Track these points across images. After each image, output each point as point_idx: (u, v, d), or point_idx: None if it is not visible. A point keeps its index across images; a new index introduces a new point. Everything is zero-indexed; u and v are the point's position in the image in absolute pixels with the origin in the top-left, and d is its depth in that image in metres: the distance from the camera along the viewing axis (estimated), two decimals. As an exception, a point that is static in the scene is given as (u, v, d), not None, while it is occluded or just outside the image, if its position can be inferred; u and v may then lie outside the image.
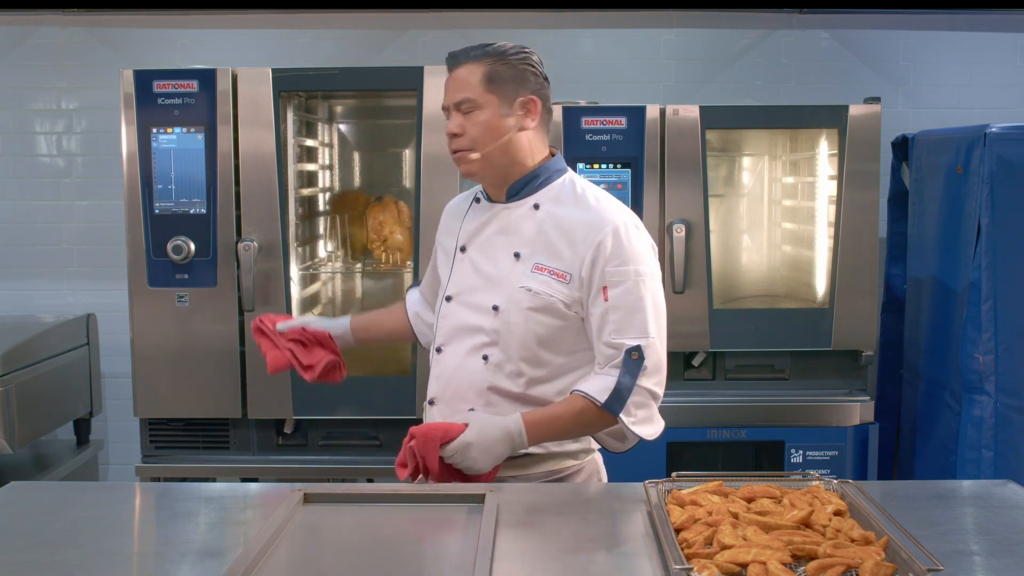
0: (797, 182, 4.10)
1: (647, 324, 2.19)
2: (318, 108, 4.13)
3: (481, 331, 2.26)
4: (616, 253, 2.19)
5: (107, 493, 2.33)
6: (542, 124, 2.30)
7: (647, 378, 2.19)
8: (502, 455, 2.18)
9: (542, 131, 2.31)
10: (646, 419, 2.22)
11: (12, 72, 4.47)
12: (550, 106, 2.32)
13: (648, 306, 2.20)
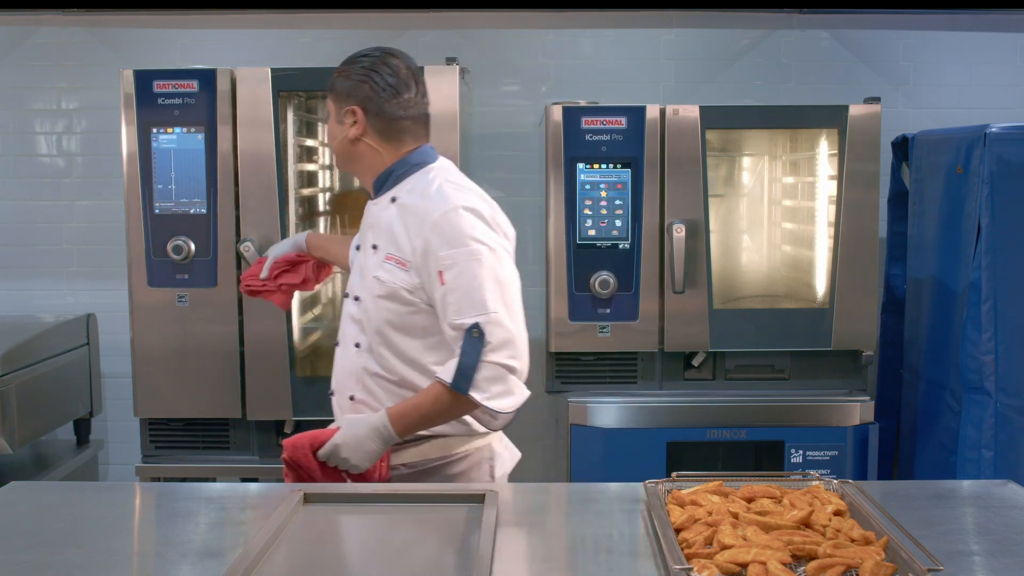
0: (797, 182, 4.10)
1: (485, 301, 2.25)
2: (318, 108, 4.12)
3: (354, 321, 2.40)
4: (445, 238, 2.27)
5: (107, 493, 2.33)
6: (376, 131, 2.39)
7: (495, 352, 2.23)
8: (375, 451, 2.27)
9: (385, 135, 2.39)
10: (502, 393, 2.25)
11: (12, 72, 4.47)
12: (392, 112, 2.37)
13: (486, 283, 2.26)
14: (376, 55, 2.40)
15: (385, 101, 2.37)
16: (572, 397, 3.70)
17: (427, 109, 2.46)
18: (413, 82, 2.41)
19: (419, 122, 2.44)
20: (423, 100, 2.44)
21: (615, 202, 3.68)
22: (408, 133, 2.42)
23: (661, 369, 3.78)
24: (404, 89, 2.39)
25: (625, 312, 3.69)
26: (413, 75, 2.42)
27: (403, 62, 2.41)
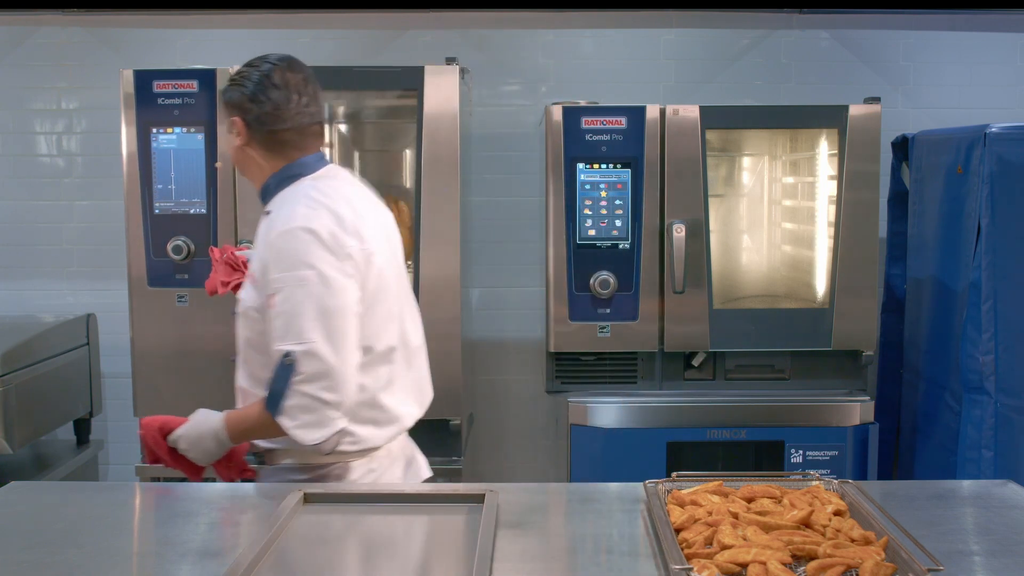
0: (797, 182, 4.10)
1: (303, 330, 2.18)
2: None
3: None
4: (279, 259, 2.23)
5: (107, 493, 2.33)
6: (257, 142, 2.36)
7: (306, 383, 2.18)
8: (212, 450, 2.33)
9: (267, 146, 2.36)
10: (310, 423, 2.20)
11: (12, 72, 4.47)
12: (271, 123, 2.34)
13: (307, 311, 2.19)
14: (260, 65, 2.35)
15: (265, 112, 2.33)
16: (572, 397, 3.70)
17: (318, 118, 2.40)
18: (297, 93, 2.35)
19: (305, 133, 2.38)
20: (309, 109, 2.37)
21: (615, 202, 3.68)
22: (291, 145, 2.36)
23: (661, 369, 3.78)
24: (286, 100, 2.33)
25: (625, 312, 3.69)
26: (300, 84, 2.36)
27: (289, 71, 2.35)
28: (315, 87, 2.41)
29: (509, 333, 4.50)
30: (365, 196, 2.44)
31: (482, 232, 4.42)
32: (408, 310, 2.46)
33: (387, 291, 2.36)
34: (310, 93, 2.38)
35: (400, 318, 2.41)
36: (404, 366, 2.41)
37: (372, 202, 2.45)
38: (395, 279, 2.41)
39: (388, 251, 2.40)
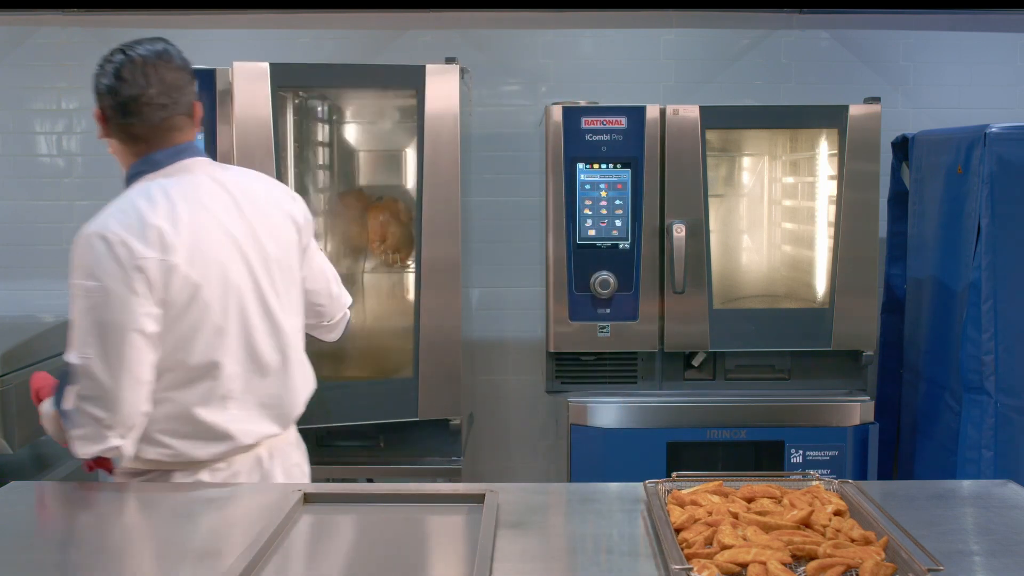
0: (797, 182, 4.10)
1: (81, 343, 2.14)
2: (318, 108, 4.12)
3: None
4: (72, 265, 2.17)
5: (107, 493, 2.33)
6: (114, 134, 2.31)
7: (83, 400, 2.16)
8: (52, 431, 2.35)
9: (121, 139, 2.31)
10: (86, 437, 2.20)
11: (12, 72, 4.47)
12: (117, 117, 2.26)
13: (86, 324, 2.14)
14: (115, 56, 2.25)
15: (111, 105, 2.26)
16: (572, 397, 3.69)
17: (172, 112, 2.28)
18: (151, 86, 2.24)
19: (159, 128, 2.27)
20: (161, 102, 2.25)
21: (615, 202, 3.68)
22: (142, 139, 2.28)
23: (661, 369, 3.78)
24: (137, 94, 2.23)
25: (625, 312, 3.69)
26: (155, 77, 2.24)
27: (148, 63, 2.24)
28: (177, 78, 2.27)
29: (509, 333, 4.50)
30: (214, 197, 2.28)
31: (482, 232, 4.42)
32: (261, 324, 2.31)
33: (205, 304, 2.21)
34: (168, 85, 2.25)
35: (236, 333, 2.26)
36: (242, 383, 2.29)
37: (224, 204, 2.28)
38: (225, 291, 2.24)
39: (221, 261, 2.24)
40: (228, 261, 2.26)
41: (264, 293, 2.32)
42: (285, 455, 2.44)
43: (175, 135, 2.31)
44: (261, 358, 2.33)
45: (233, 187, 2.33)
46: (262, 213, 2.35)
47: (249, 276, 2.30)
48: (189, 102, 2.33)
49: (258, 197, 2.37)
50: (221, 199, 2.30)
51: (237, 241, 2.28)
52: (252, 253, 2.30)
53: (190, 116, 2.34)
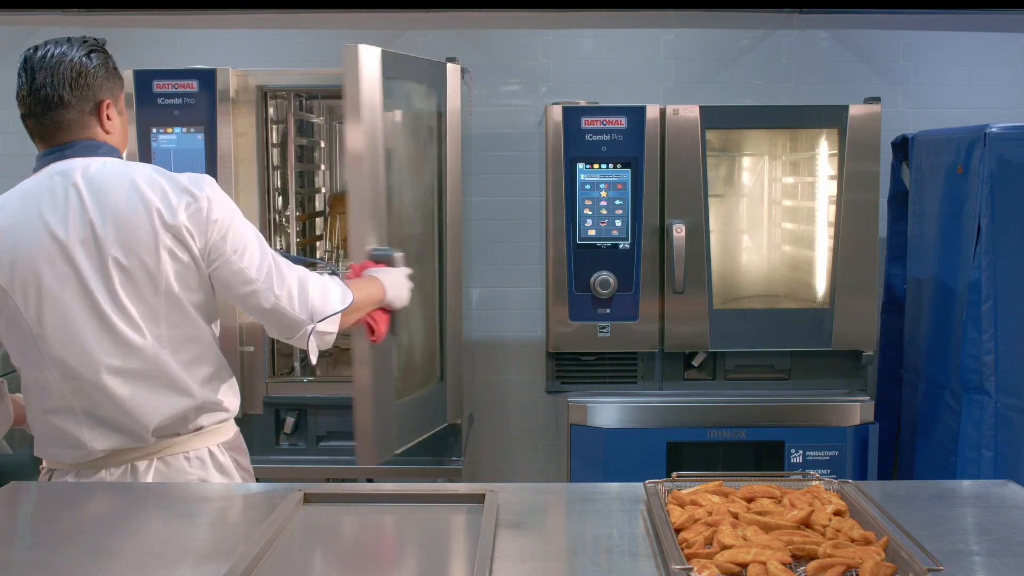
0: (797, 182, 4.10)
1: None
2: (318, 108, 4.13)
3: None
4: None
5: (107, 493, 2.33)
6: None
7: None
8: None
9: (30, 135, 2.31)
10: None
11: (12, 72, 4.46)
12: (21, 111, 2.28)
13: None
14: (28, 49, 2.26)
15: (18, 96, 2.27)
16: (572, 397, 3.69)
17: (44, 109, 2.24)
18: (27, 78, 2.23)
19: (38, 124, 2.26)
20: (34, 99, 2.23)
21: (615, 202, 3.68)
22: (33, 135, 2.29)
23: (661, 369, 3.78)
24: (21, 87, 2.24)
25: (625, 312, 3.69)
26: (30, 70, 2.23)
27: (34, 56, 2.24)
28: (42, 73, 2.22)
29: (509, 333, 4.50)
30: (57, 200, 2.20)
31: (482, 232, 4.42)
32: (94, 332, 2.20)
33: (14, 310, 2.19)
34: (37, 79, 2.22)
35: (58, 342, 2.19)
36: (73, 392, 2.23)
37: (64, 208, 2.19)
38: (39, 298, 2.18)
39: (37, 267, 2.17)
40: (45, 268, 2.18)
41: (96, 301, 2.19)
42: (175, 469, 2.33)
43: (62, 134, 2.27)
44: (101, 370, 2.22)
45: (89, 189, 2.21)
46: (113, 218, 2.19)
47: (76, 283, 2.19)
48: (88, 100, 2.27)
49: (116, 200, 2.20)
50: (65, 203, 2.21)
51: (65, 247, 2.18)
52: (84, 259, 2.18)
53: (90, 115, 2.28)
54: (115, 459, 2.29)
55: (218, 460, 2.37)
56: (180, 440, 2.32)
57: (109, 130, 2.32)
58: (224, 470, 2.38)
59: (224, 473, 2.38)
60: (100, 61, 2.30)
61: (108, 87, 2.32)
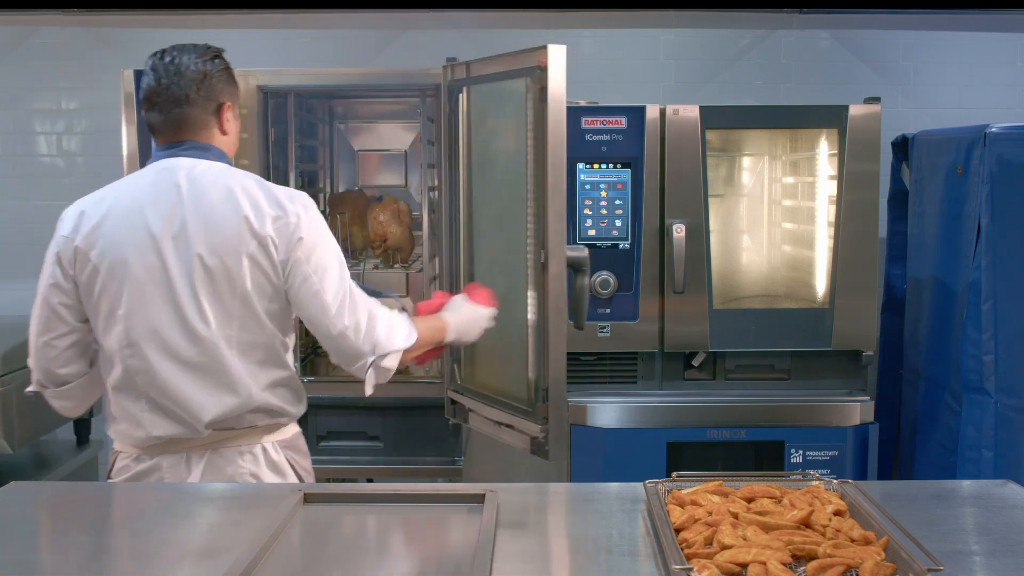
0: (797, 182, 4.10)
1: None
2: (318, 108, 4.13)
3: None
4: None
5: (107, 493, 2.33)
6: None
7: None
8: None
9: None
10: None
11: (12, 72, 4.47)
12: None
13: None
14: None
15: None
16: (572, 397, 3.69)
17: (170, 107, 2.37)
18: (155, 78, 2.37)
19: (161, 120, 2.39)
20: (161, 97, 2.37)
21: (615, 202, 3.68)
22: (153, 131, 2.43)
23: (661, 369, 3.78)
24: (148, 85, 2.39)
25: (625, 312, 3.69)
26: (158, 71, 2.37)
27: (162, 59, 2.38)
28: (159, 80, 2.37)
29: (509, 333, 4.50)
30: (159, 195, 2.32)
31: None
32: (170, 323, 2.30)
33: (106, 291, 2.32)
34: (166, 82, 2.37)
35: (134, 327, 2.31)
36: (142, 374, 2.33)
37: (162, 203, 2.31)
38: (121, 283, 2.30)
39: (125, 255, 2.29)
40: (135, 256, 2.30)
41: (176, 294, 2.30)
42: (228, 461, 2.38)
43: (183, 131, 2.39)
44: (180, 354, 2.32)
45: (189, 188, 2.32)
46: (205, 218, 2.30)
47: (161, 275, 2.30)
48: (211, 100, 2.40)
49: (211, 202, 2.31)
50: (165, 198, 2.32)
51: (156, 240, 2.30)
52: (172, 254, 2.30)
53: (212, 115, 2.41)
54: (172, 447, 2.37)
55: (271, 457, 2.43)
56: (234, 435, 2.39)
57: (226, 131, 2.46)
58: (278, 468, 2.44)
59: (277, 471, 2.44)
60: (223, 66, 2.45)
61: (228, 91, 2.45)
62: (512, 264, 3.01)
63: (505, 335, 3.02)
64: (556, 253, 2.81)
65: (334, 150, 4.26)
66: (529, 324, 2.93)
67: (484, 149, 3.20)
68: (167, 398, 2.33)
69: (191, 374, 2.33)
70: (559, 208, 2.81)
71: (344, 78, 3.78)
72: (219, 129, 2.43)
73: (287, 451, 2.47)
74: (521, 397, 3.00)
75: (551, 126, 2.77)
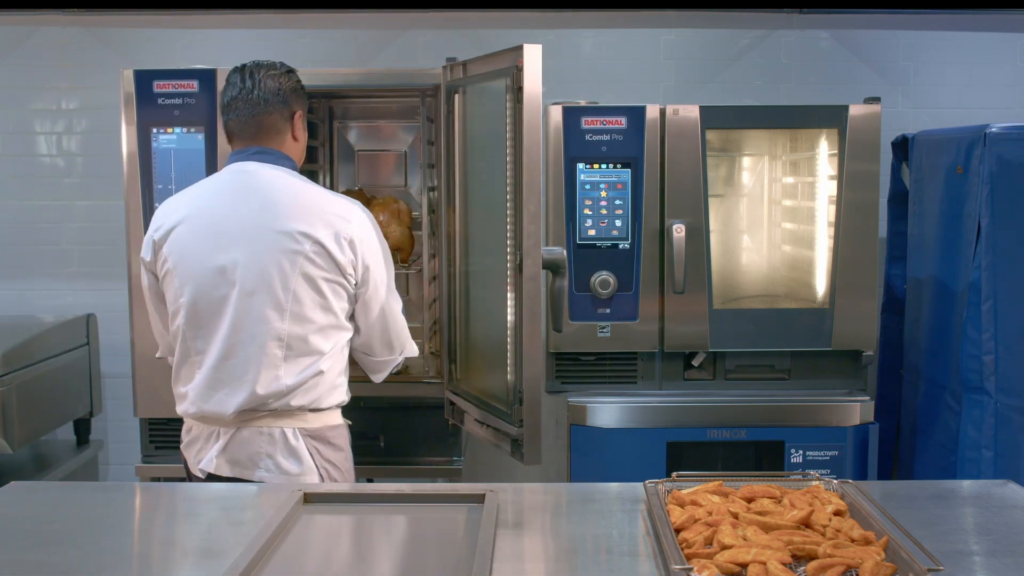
0: (797, 182, 4.10)
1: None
2: (318, 108, 4.12)
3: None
4: None
5: (107, 493, 2.33)
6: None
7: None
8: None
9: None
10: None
11: (12, 72, 4.47)
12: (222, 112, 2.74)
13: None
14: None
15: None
16: (572, 397, 3.70)
17: (251, 112, 2.63)
18: (238, 84, 2.64)
19: (240, 123, 2.65)
20: (243, 101, 2.63)
21: (615, 202, 3.68)
22: (231, 135, 2.69)
23: (661, 369, 3.78)
24: (230, 91, 2.66)
25: (625, 312, 3.69)
26: (241, 78, 2.64)
27: (244, 69, 2.65)
28: (240, 87, 2.63)
29: (509, 333, 4.50)
30: (233, 195, 2.57)
31: (482, 232, 4.42)
32: (215, 319, 2.52)
33: (169, 289, 2.58)
34: (248, 87, 2.62)
35: (187, 321, 2.54)
36: (198, 356, 2.57)
37: (229, 203, 2.56)
38: (189, 283, 2.52)
39: (194, 253, 2.52)
40: (196, 250, 2.53)
41: (231, 281, 2.50)
42: (247, 440, 2.55)
43: (260, 135, 2.64)
44: (210, 346, 2.54)
45: (258, 188, 2.57)
46: (268, 215, 2.52)
47: (209, 273, 2.52)
48: (286, 106, 2.64)
49: (277, 200, 2.54)
50: (235, 198, 2.57)
51: (217, 235, 2.53)
52: (222, 252, 2.52)
53: (286, 120, 2.66)
54: (205, 426, 2.60)
55: (289, 443, 2.53)
56: (258, 415, 2.53)
57: (297, 137, 2.70)
58: (295, 454, 2.53)
59: (294, 456, 2.53)
60: (296, 80, 2.71)
61: (301, 102, 2.71)
62: (496, 265, 3.01)
63: (490, 337, 3.02)
64: (531, 254, 2.80)
65: (334, 150, 4.25)
66: (508, 326, 2.92)
67: (476, 149, 3.20)
68: (210, 389, 2.58)
69: (226, 363, 2.56)
70: (534, 209, 2.80)
71: (344, 78, 3.78)
72: (291, 135, 2.68)
73: (310, 439, 2.55)
74: (502, 399, 3.00)
75: (526, 127, 2.77)
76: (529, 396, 2.83)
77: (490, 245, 3.09)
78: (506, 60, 2.89)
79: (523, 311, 2.80)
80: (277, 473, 2.51)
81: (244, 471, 2.53)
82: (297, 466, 2.52)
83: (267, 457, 2.52)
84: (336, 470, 2.59)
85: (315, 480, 2.52)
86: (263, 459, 2.51)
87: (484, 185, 3.14)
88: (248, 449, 2.53)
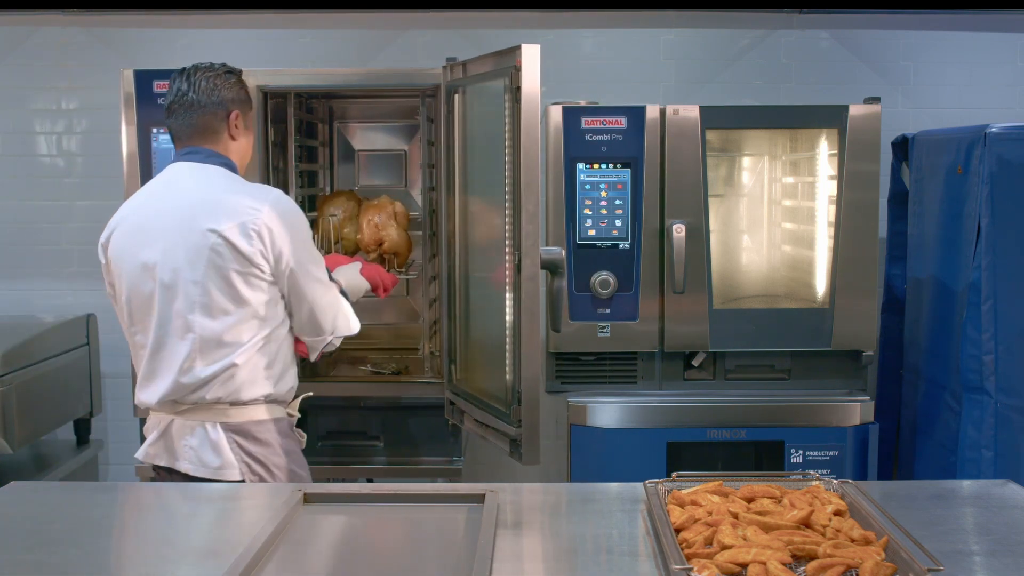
0: (797, 182, 4.10)
1: None
2: (318, 108, 4.12)
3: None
4: None
5: (107, 493, 2.33)
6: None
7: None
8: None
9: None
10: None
11: (12, 72, 4.47)
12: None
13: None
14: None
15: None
16: (572, 397, 3.69)
17: (185, 112, 2.67)
18: (175, 87, 2.70)
19: (178, 125, 2.69)
20: (178, 103, 2.67)
21: (615, 202, 3.68)
22: (173, 136, 2.72)
23: (661, 369, 3.78)
24: (169, 94, 2.71)
25: (625, 312, 3.69)
26: (178, 81, 2.71)
27: (182, 73, 2.72)
28: (177, 90, 2.69)
29: (509, 333, 4.50)
30: (143, 198, 2.65)
31: (482, 232, 4.42)
32: (146, 314, 2.58)
33: (115, 288, 2.65)
34: (183, 90, 2.68)
35: (128, 317, 2.62)
36: (143, 350, 2.62)
37: (145, 206, 2.62)
38: (124, 281, 2.60)
39: (126, 252, 2.59)
40: (128, 249, 2.60)
41: (156, 275, 2.56)
42: (176, 433, 2.59)
43: (195, 136, 2.67)
44: (146, 339, 2.60)
45: (184, 184, 2.63)
46: (194, 207, 2.58)
47: (150, 269, 2.56)
48: (220, 107, 2.66)
49: (199, 195, 2.59)
50: (163, 198, 2.62)
51: (143, 234, 2.59)
52: (146, 250, 2.57)
53: (221, 121, 2.67)
54: (153, 416, 2.64)
55: (210, 437, 2.56)
56: (184, 408, 2.57)
57: (235, 137, 2.70)
58: (216, 448, 2.55)
59: (216, 451, 2.55)
60: (234, 81, 2.72)
61: (239, 102, 2.71)
62: (496, 265, 3.01)
63: (490, 337, 3.02)
64: (530, 254, 2.80)
65: (334, 150, 4.25)
66: (507, 326, 2.92)
67: (476, 149, 3.20)
68: (142, 369, 2.66)
69: (154, 352, 2.61)
70: (533, 209, 2.80)
71: (344, 78, 3.78)
72: (228, 135, 2.68)
73: (233, 434, 2.56)
74: (500, 399, 3.00)
75: (524, 126, 2.78)
76: (527, 396, 2.82)
77: (490, 245, 3.09)
78: (504, 60, 2.89)
79: (521, 311, 2.80)
80: (199, 465, 2.55)
81: (174, 461, 2.59)
82: (216, 459, 2.54)
83: (189, 449, 2.56)
84: (260, 466, 2.57)
85: (235, 475, 2.53)
86: (186, 450, 2.56)
87: (484, 185, 3.14)
88: (174, 441, 2.58)
